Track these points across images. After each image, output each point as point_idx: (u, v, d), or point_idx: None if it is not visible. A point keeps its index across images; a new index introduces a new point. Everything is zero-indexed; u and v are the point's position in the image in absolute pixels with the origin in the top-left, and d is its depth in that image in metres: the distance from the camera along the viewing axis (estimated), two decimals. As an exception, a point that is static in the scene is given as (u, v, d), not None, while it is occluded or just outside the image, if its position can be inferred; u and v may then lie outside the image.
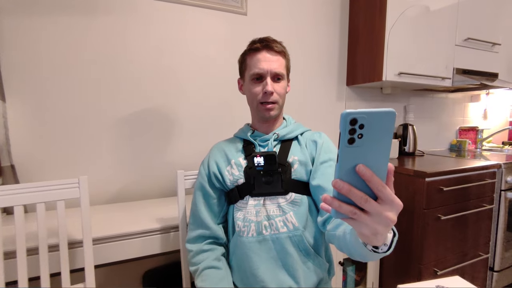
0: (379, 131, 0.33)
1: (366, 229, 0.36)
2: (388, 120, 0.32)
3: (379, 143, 0.33)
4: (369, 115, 0.31)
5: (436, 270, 1.38)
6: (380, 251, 0.44)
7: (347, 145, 0.33)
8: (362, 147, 0.33)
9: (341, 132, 0.32)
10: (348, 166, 0.34)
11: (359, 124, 0.32)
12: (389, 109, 0.32)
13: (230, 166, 0.83)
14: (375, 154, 0.34)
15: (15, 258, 0.76)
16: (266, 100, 0.80)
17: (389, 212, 0.35)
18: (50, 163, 1.14)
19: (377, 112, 0.32)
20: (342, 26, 1.77)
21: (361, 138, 0.32)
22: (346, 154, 0.33)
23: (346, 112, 0.31)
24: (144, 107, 1.29)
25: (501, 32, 1.96)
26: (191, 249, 0.82)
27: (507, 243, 1.62)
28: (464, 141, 2.23)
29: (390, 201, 0.35)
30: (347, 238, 0.54)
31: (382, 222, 0.35)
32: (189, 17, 1.34)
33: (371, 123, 0.32)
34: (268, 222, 0.76)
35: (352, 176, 0.34)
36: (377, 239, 0.39)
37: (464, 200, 1.44)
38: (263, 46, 0.79)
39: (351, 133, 0.32)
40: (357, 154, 0.34)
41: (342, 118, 0.31)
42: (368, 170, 0.34)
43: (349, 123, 0.32)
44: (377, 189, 0.34)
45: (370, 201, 0.34)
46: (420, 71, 1.64)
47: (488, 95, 2.41)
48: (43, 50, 1.10)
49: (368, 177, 0.34)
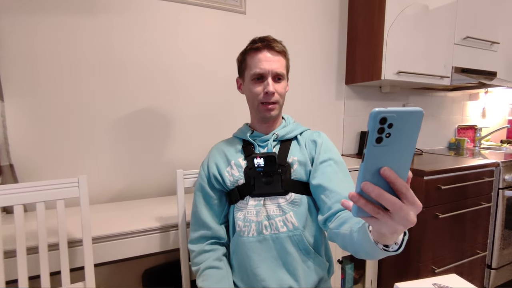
0: (406, 131, 0.33)
1: (386, 228, 0.37)
2: (416, 119, 0.32)
3: (405, 143, 0.33)
4: (398, 114, 0.31)
5: (434, 268, 1.39)
6: (391, 250, 0.45)
7: (375, 144, 0.33)
8: (388, 147, 0.33)
9: (369, 130, 0.32)
10: (373, 165, 0.34)
11: (388, 123, 0.31)
12: (418, 109, 0.32)
13: (230, 167, 0.83)
14: (400, 154, 0.34)
15: (15, 257, 0.76)
16: (267, 100, 0.80)
17: (410, 214, 0.35)
18: (49, 162, 1.14)
19: (407, 111, 0.31)
20: (341, 25, 1.77)
21: (388, 138, 0.32)
22: (372, 154, 0.33)
23: (376, 111, 0.31)
24: (143, 106, 1.29)
25: (499, 31, 1.96)
26: (193, 249, 0.83)
27: (504, 241, 1.63)
28: (462, 140, 2.24)
29: (412, 203, 0.35)
30: (354, 236, 0.54)
31: (403, 223, 0.36)
32: (188, 16, 1.34)
33: (400, 122, 0.32)
34: (268, 222, 0.76)
35: (376, 175, 0.35)
36: (393, 238, 0.41)
37: (462, 198, 1.45)
38: (264, 45, 0.79)
39: (380, 132, 0.32)
40: (383, 154, 0.33)
41: (371, 117, 0.31)
42: (392, 173, 0.34)
43: (379, 122, 0.31)
44: (401, 191, 0.35)
45: (396, 203, 0.35)
46: (419, 69, 1.64)
47: (486, 94, 2.41)
48: (42, 49, 1.10)
49: (393, 180, 0.34)
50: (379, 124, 0.31)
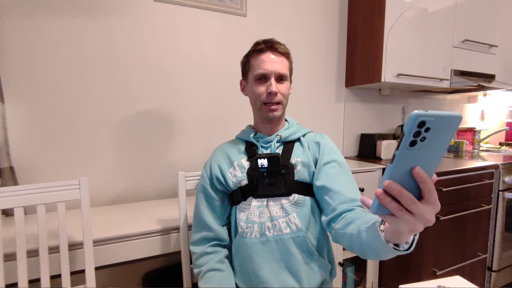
0: (441, 135, 0.32)
1: (406, 226, 0.38)
2: (453, 124, 0.32)
3: (437, 147, 0.33)
4: (438, 119, 0.30)
5: (435, 270, 1.39)
6: (401, 249, 0.46)
7: (408, 147, 0.32)
8: (421, 150, 0.32)
9: (405, 133, 0.31)
10: (402, 167, 0.34)
11: (426, 127, 0.31)
12: (457, 113, 0.31)
13: (232, 167, 0.83)
14: (430, 157, 0.34)
15: (15, 260, 0.76)
16: (270, 100, 0.80)
17: (430, 213, 0.36)
18: (49, 165, 1.13)
19: (447, 115, 0.31)
20: (341, 28, 1.78)
21: (423, 141, 0.32)
22: (403, 156, 0.33)
23: (416, 114, 0.30)
24: (145, 108, 1.28)
25: (498, 34, 1.98)
26: (195, 251, 0.82)
27: (505, 243, 1.63)
28: (462, 142, 2.25)
29: (433, 203, 0.36)
30: (362, 236, 0.55)
31: (423, 222, 0.37)
32: (189, 19, 1.34)
33: (438, 127, 0.31)
34: (271, 223, 0.76)
35: (403, 176, 0.35)
36: (407, 237, 0.43)
37: (462, 200, 1.45)
38: (268, 47, 0.80)
39: (416, 135, 0.31)
40: (414, 157, 0.33)
41: (411, 119, 0.30)
42: (424, 173, 0.34)
43: (417, 126, 0.30)
44: (429, 191, 0.36)
45: (417, 203, 0.36)
46: (419, 72, 1.65)
47: (485, 96, 2.43)
48: (42, 51, 1.10)
49: (424, 180, 0.35)
50: (417, 127, 0.31)
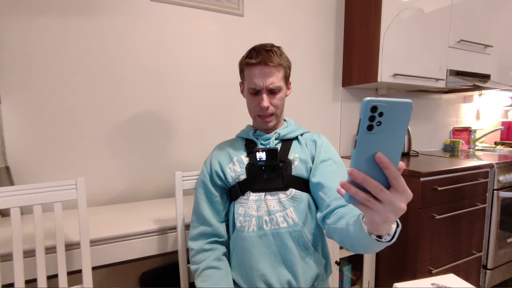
0: (396, 121, 0.34)
1: (378, 216, 0.38)
2: (405, 110, 0.34)
3: (395, 133, 0.35)
4: (388, 104, 0.33)
5: (431, 269, 1.40)
6: (384, 241, 0.46)
7: (366, 132, 0.34)
8: (379, 135, 0.35)
9: (361, 118, 0.34)
10: (365, 153, 0.36)
11: (378, 111, 0.33)
12: (407, 100, 0.34)
13: (232, 163, 0.85)
14: (390, 144, 0.36)
15: (11, 260, 0.75)
16: (263, 114, 0.84)
17: (400, 201, 0.37)
18: (46, 165, 1.13)
19: (396, 102, 0.33)
20: (337, 28, 1.79)
21: (379, 126, 0.34)
22: (364, 141, 0.35)
23: (368, 100, 0.33)
24: (142, 108, 1.28)
25: (493, 35, 2.00)
26: (193, 247, 0.83)
27: (499, 241, 1.65)
28: (457, 141, 2.27)
29: (403, 190, 0.37)
30: (350, 229, 0.55)
31: (393, 211, 0.37)
32: (186, 19, 1.34)
33: (390, 112, 0.33)
34: (269, 217, 0.77)
35: (367, 163, 0.36)
36: (385, 227, 0.42)
37: (458, 199, 1.46)
38: (259, 61, 0.79)
39: (371, 120, 0.33)
40: (374, 142, 0.35)
41: (363, 105, 0.33)
42: (386, 158, 0.35)
43: (370, 110, 0.33)
44: (393, 177, 0.36)
45: (384, 191, 0.36)
46: (415, 72, 1.66)
47: (480, 96, 2.45)
48: (39, 51, 1.09)
49: (386, 165, 0.35)
50: (370, 112, 0.33)
